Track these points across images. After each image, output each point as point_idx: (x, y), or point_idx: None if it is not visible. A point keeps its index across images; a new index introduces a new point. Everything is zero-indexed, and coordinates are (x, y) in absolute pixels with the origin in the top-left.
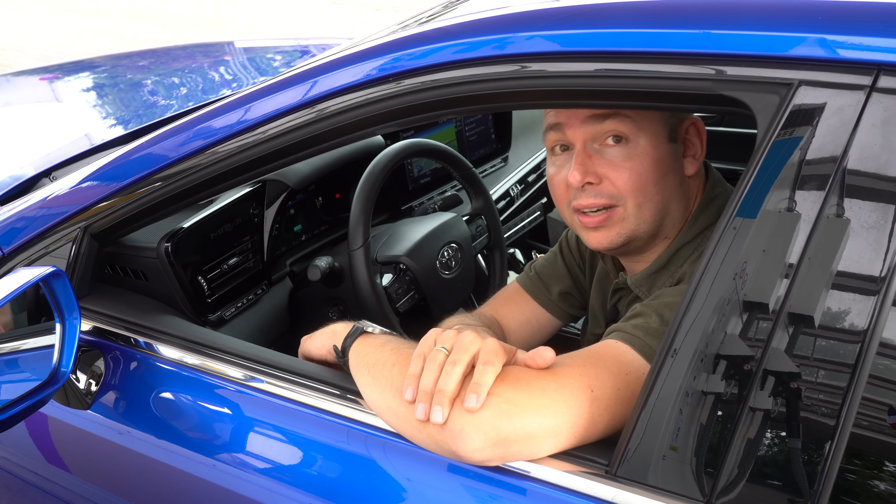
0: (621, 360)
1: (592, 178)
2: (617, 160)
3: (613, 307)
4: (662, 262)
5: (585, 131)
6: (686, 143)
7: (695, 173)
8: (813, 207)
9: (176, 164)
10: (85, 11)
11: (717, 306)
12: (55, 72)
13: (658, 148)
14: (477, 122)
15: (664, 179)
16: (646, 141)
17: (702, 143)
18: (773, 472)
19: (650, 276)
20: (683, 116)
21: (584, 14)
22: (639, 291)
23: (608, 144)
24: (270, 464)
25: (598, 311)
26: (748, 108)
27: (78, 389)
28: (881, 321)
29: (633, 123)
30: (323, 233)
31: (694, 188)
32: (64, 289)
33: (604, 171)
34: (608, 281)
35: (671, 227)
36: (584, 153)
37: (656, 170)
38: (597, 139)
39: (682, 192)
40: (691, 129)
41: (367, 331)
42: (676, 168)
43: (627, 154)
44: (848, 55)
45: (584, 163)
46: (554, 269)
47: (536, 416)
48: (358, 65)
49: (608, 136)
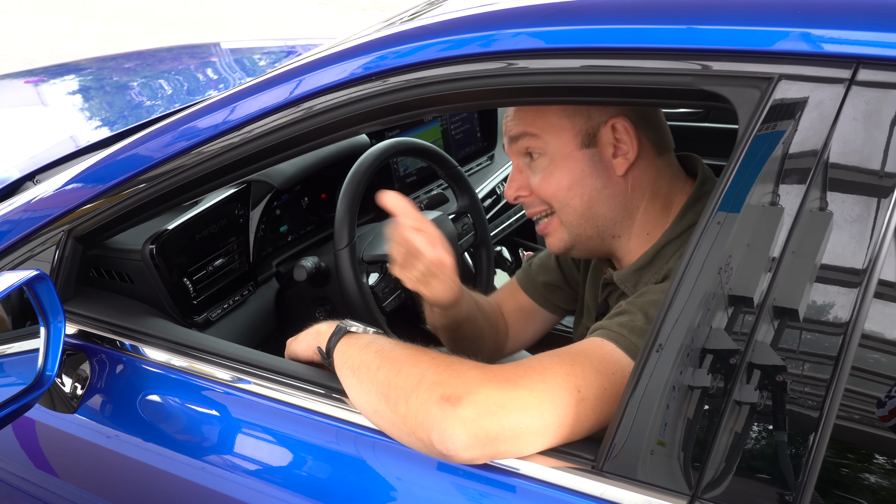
0: (607, 359)
1: (524, 191)
2: (538, 171)
3: (604, 301)
4: (648, 258)
5: (511, 150)
6: (616, 144)
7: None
8: (795, 201)
9: (161, 164)
10: (70, 14)
11: (702, 301)
12: (40, 75)
13: (568, 156)
14: (462, 120)
15: (578, 185)
16: (555, 150)
17: (631, 141)
18: (760, 465)
19: (635, 273)
20: (603, 120)
21: (568, 10)
22: (624, 287)
23: (529, 159)
24: (259, 465)
25: (591, 305)
26: (729, 103)
27: (63, 393)
28: (863, 313)
29: (539, 140)
30: (309, 233)
31: (641, 184)
32: (48, 292)
33: (532, 183)
34: (601, 274)
35: (629, 225)
36: (517, 169)
37: (567, 176)
38: (519, 156)
39: (611, 193)
40: (619, 128)
41: (350, 330)
42: (595, 171)
43: (542, 166)
44: (827, 49)
45: (514, 178)
46: (546, 263)
47: (524, 415)
48: (343, 63)
49: (524, 153)
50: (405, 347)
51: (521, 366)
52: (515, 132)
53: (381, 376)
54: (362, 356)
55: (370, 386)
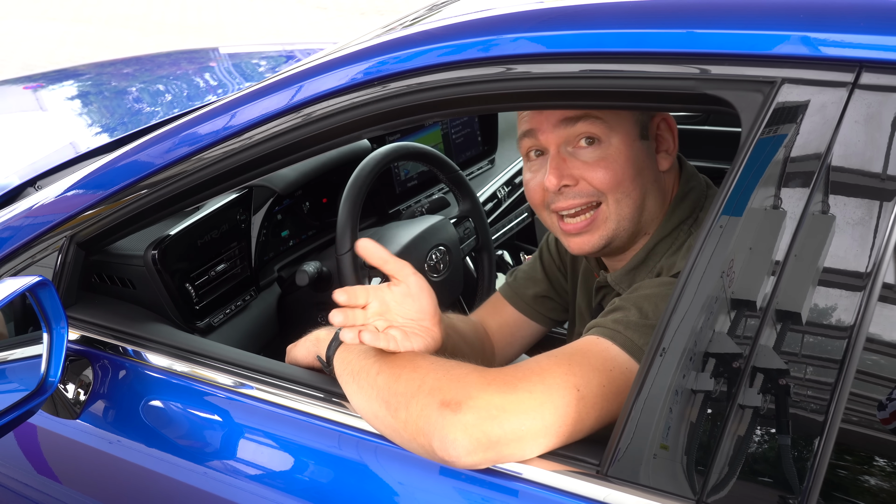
0: (605, 357)
1: (568, 180)
2: (591, 160)
3: (598, 305)
4: (641, 257)
5: (558, 135)
6: (658, 139)
7: (669, 168)
8: (798, 204)
9: (162, 171)
10: (68, 19)
11: (705, 304)
12: (39, 80)
13: (630, 146)
14: (463, 124)
15: (639, 176)
16: (618, 140)
17: (673, 138)
18: (764, 469)
19: (629, 273)
20: (654, 113)
21: (568, 15)
22: (619, 288)
23: (581, 146)
24: (262, 470)
25: (585, 310)
26: (732, 107)
27: (66, 399)
28: (867, 317)
29: (604, 124)
30: (310, 238)
31: (669, 183)
32: (51, 298)
33: (579, 172)
34: (592, 279)
35: (649, 223)
36: (559, 157)
37: (631, 167)
38: (570, 142)
39: (658, 188)
40: (662, 125)
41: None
42: (650, 164)
43: (601, 153)
44: (830, 52)
45: (558, 166)
46: (532, 273)
47: (525, 418)
48: (343, 69)
49: (580, 138)
50: (404, 352)
51: (520, 368)
52: (574, 113)
53: (381, 382)
54: (361, 361)
55: (370, 391)
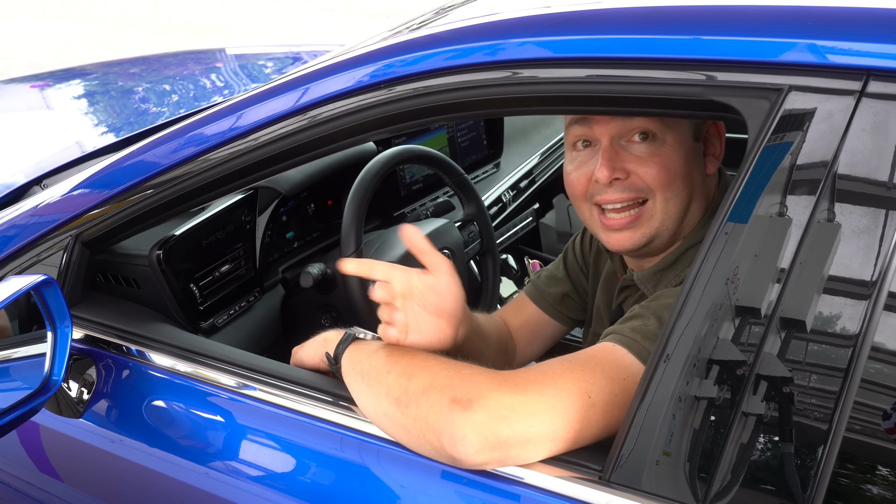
0: (618, 365)
1: (620, 173)
2: (644, 156)
3: (619, 307)
4: (671, 260)
5: (613, 127)
6: (707, 142)
7: (713, 173)
8: (804, 212)
9: (168, 171)
10: (75, 19)
11: (710, 311)
12: (46, 79)
13: (684, 145)
14: (469, 128)
15: (690, 176)
16: (673, 138)
17: (721, 143)
18: (767, 477)
19: (657, 273)
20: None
21: (575, 20)
22: (644, 288)
23: (635, 141)
24: (264, 471)
25: (603, 311)
26: (739, 114)
27: (70, 398)
28: (873, 325)
29: (660, 121)
30: (315, 239)
31: (712, 188)
32: (55, 297)
33: (631, 166)
34: (615, 280)
35: (688, 226)
36: (612, 149)
37: (683, 166)
38: (623, 136)
39: (703, 191)
40: (712, 129)
41: (358, 337)
42: (699, 166)
43: (655, 150)
44: (837, 60)
45: (611, 158)
46: (555, 274)
47: (534, 420)
48: (349, 71)
49: (635, 132)
50: (415, 353)
51: (532, 371)
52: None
53: (392, 380)
54: (372, 361)
55: (380, 389)
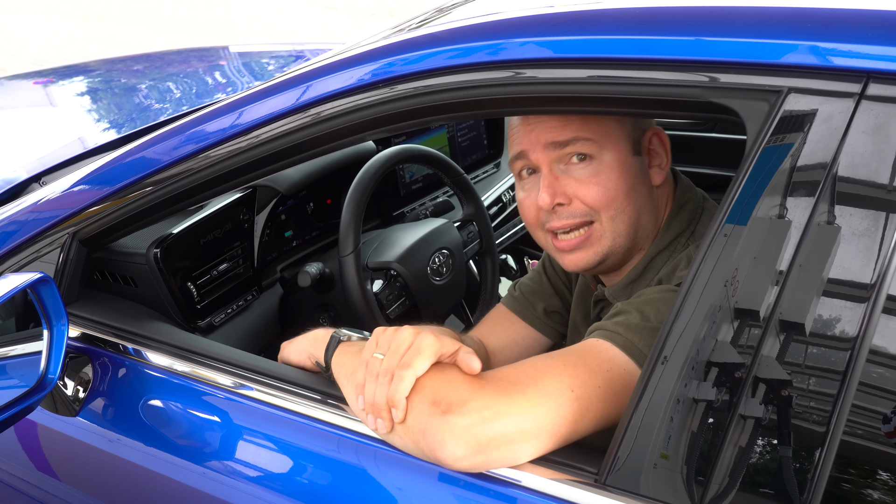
0: (602, 357)
1: (562, 198)
2: (584, 177)
3: (597, 317)
4: (638, 271)
5: (548, 155)
6: (651, 154)
7: (662, 182)
8: (803, 214)
9: (168, 168)
10: (79, 16)
11: (708, 313)
12: (49, 76)
13: (623, 162)
14: (469, 127)
15: (633, 191)
16: (610, 156)
17: (666, 153)
18: (764, 480)
19: (627, 287)
20: (645, 127)
21: (577, 20)
22: (616, 302)
23: (573, 163)
24: (260, 472)
25: (581, 324)
26: (738, 115)
27: (65, 396)
28: (871, 328)
29: (594, 144)
30: (314, 238)
31: (663, 197)
32: (51, 295)
33: (572, 189)
34: (589, 293)
35: (644, 238)
36: (551, 175)
37: (624, 182)
38: (562, 160)
39: (652, 203)
40: (654, 140)
41: (342, 339)
42: (643, 179)
43: (593, 170)
44: (837, 63)
45: (551, 184)
46: (539, 288)
47: (517, 419)
48: (351, 69)
49: (572, 155)
50: None
51: (514, 369)
52: (564, 137)
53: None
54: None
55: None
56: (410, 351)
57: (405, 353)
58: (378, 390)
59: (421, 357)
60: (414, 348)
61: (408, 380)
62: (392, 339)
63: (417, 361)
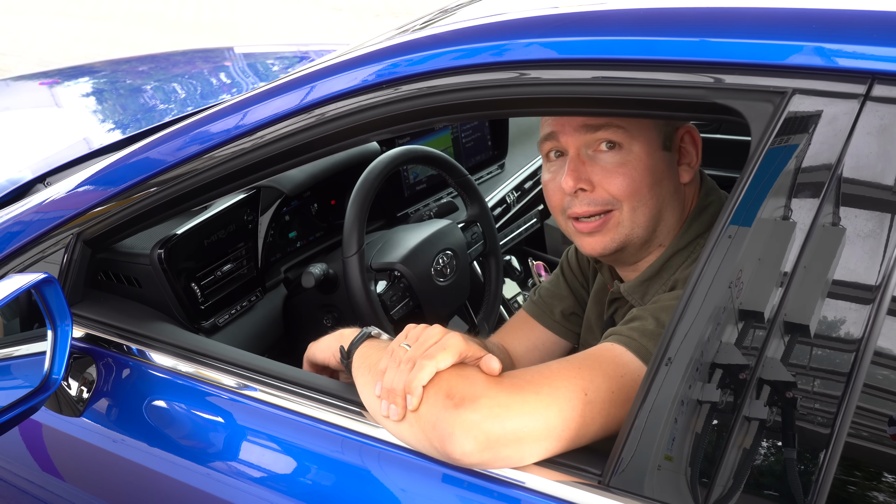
0: (616, 362)
1: (585, 184)
2: (610, 165)
3: (610, 318)
4: (655, 269)
5: (578, 139)
6: (681, 152)
7: (689, 181)
8: (808, 216)
9: (172, 168)
10: (85, 17)
11: (712, 315)
12: (55, 77)
13: (651, 155)
14: (473, 128)
15: (658, 185)
16: (640, 148)
17: (697, 152)
18: (769, 482)
19: (643, 284)
20: (678, 125)
21: (581, 21)
22: (632, 299)
23: (601, 150)
24: (264, 473)
25: (595, 323)
26: (742, 117)
27: (70, 397)
28: (876, 330)
29: (625, 133)
30: (318, 239)
31: (689, 196)
32: (55, 295)
33: (597, 177)
34: (605, 292)
35: (665, 234)
36: (578, 159)
37: (650, 175)
38: (590, 146)
39: (677, 200)
40: (686, 138)
41: (372, 335)
42: (670, 175)
43: (621, 160)
44: (842, 64)
45: (576, 169)
46: (557, 290)
47: (528, 419)
48: (355, 70)
49: (602, 142)
50: None
51: (529, 370)
52: (597, 122)
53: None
54: (381, 356)
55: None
56: (437, 345)
57: (431, 346)
58: (397, 376)
59: (446, 352)
60: (440, 343)
61: (428, 370)
62: (421, 333)
63: (441, 355)
